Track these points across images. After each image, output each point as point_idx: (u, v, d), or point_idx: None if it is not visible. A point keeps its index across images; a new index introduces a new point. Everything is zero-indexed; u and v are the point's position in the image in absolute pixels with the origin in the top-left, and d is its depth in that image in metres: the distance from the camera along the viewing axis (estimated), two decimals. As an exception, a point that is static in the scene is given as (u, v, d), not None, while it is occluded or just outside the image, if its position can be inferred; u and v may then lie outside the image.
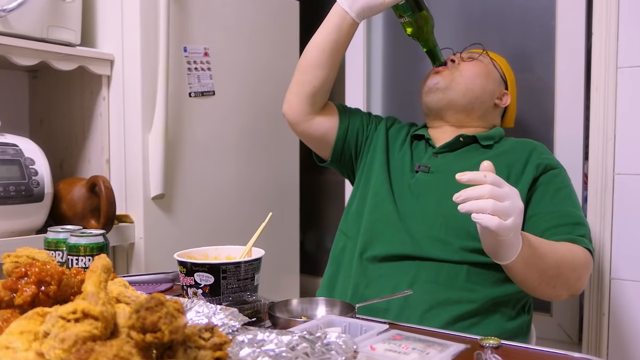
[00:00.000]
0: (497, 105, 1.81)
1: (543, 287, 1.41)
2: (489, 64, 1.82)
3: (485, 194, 1.19)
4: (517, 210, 1.22)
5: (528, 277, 1.38)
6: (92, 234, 1.39)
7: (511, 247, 1.27)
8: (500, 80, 1.83)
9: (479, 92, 1.75)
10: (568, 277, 1.42)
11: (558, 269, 1.39)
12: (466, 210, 1.20)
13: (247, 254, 1.31)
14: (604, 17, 1.89)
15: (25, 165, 1.72)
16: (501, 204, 1.19)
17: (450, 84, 1.75)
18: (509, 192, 1.22)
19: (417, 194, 1.65)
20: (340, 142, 1.84)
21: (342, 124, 1.84)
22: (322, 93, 1.80)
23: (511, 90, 1.86)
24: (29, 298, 0.86)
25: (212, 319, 1.00)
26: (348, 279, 1.65)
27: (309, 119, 1.82)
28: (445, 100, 1.75)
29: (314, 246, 2.95)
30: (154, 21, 1.97)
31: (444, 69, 1.78)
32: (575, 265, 1.43)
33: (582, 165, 2.08)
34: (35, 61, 1.81)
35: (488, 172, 1.22)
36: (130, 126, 1.99)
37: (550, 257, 1.38)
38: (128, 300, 0.96)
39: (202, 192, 2.17)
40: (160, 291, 1.50)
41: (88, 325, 0.71)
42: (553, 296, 1.47)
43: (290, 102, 1.84)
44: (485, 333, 1.42)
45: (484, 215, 1.19)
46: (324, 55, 1.76)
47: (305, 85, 1.79)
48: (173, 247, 1.44)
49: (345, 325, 1.09)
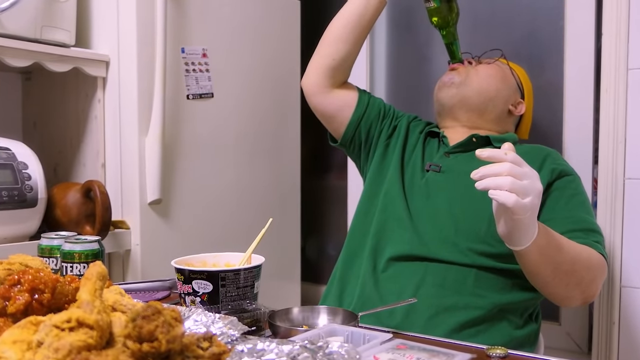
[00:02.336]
0: (512, 112, 1.82)
1: (556, 283, 1.40)
2: (506, 69, 1.85)
3: (503, 171, 1.20)
4: (536, 191, 1.23)
5: (541, 268, 1.37)
6: (87, 240, 1.39)
7: (527, 230, 1.27)
8: (517, 88, 1.85)
9: (493, 94, 1.77)
10: (583, 277, 1.42)
11: (573, 265, 1.39)
12: (483, 187, 1.21)
13: (247, 261, 1.31)
14: (614, 17, 1.89)
15: (18, 169, 1.72)
16: (520, 182, 1.20)
17: (465, 81, 1.77)
18: (528, 172, 1.23)
19: (427, 193, 1.66)
20: (353, 127, 1.85)
21: (359, 108, 1.85)
22: (342, 68, 1.83)
23: (527, 100, 1.88)
24: (22, 306, 0.86)
25: (210, 328, 0.99)
26: (357, 279, 1.66)
27: (324, 91, 1.85)
28: (458, 96, 1.76)
29: (315, 253, 2.95)
30: (150, 21, 1.98)
31: (459, 66, 1.79)
32: (591, 265, 1.43)
33: (591, 169, 2.08)
34: (28, 62, 1.82)
35: (508, 149, 1.23)
36: (127, 129, 1.99)
37: (565, 251, 1.38)
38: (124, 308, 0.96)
39: (201, 197, 2.17)
40: (157, 299, 1.50)
41: (83, 334, 0.71)
42: (565, 297, 1.46)
43: (308, 72, 1.87)
44: (492, 341, 1.43)
45: (501, 191, 1.19)
46: (347, 29, 1.79)
47: (326, 57, 1.83)
48: (170, 253, 1.44)
49: (347, 335, 1.09)
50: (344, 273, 1.72)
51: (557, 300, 1.49)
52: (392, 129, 1.84)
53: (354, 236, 1.76)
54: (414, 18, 2.52)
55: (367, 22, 1.79)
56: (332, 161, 2.87)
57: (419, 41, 2.52)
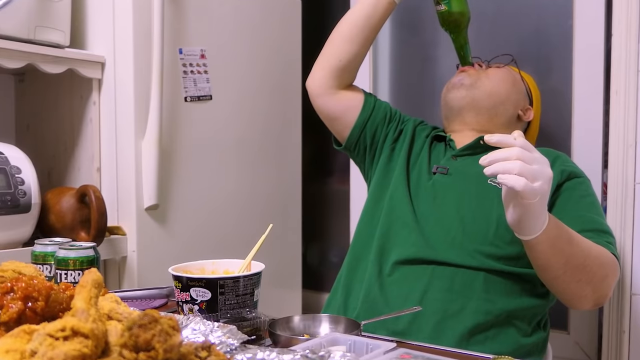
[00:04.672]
0: (521, 117, 1.84)
1: (567, 278, 1.40)
2: (516, 74, 1.86)
3: (512, 155, 1.20)
4: (546, 176, 1.23)
5: (552, 260, 1.37)
6: (82, 246, 1.38)
7: (537, 216, 1.27)
8: (526, 93, 1.86)
9: (503, 97, 1.78)
10: (595, 273, 1.42)
11: (584, 260, 1.39)
12: (492, 172, 1.21)
13: (247, 268, 1.31)
14: (624, 17, 1.89)
15: (11, 174, 1.72)
16: (529, 166, 1.20)
17: (476, 83, 1.77)
18: (538, 157, 1.23)
19: (434, 195, 1.66)
20: (358, 130, 1.85)
21: (364, 110, 1.85)
22: (348, 69, 1.84)
23: (535, 108, 1.89)
24: (15, 315, 0.86)
25: (209, 337, 0.99)
26: (361, 283, 1.66)
27: (330, 92, 1.85)
28: (468, 97, 1.76)
29: (317, 260, 2.95)
30: (147, 21, 1.98)
31: (470, 68, 1.80)
32: (603, 262, 1.43)
33: (601, 174, 2.08)
34: (21, 64, 1.82)
35: (518, 135, 1.23)
36: (123, 132, 1.99)
37: (577, 244, 1.38)
38: (120, 317, 0.96)
39: (199, 202, 2.17)
40: (154, 307, 1.50)
41: (78, 343, 0.71)
42: (576, 295, 1.45)
43: (314, 72, 1.88)
44: (500, 348, 1.43)
45: (509, 175, 1.20)
46: (355, 30, 1.80)
47: (332, 57, 1.83)
48: (168, 260, 1.44)
49: (350, 344, 1.09)
50: (348, 278, 1.72)
51: (568, 298, 1.48)
52: (398, 133, 1.84)
53: (359, 240, 1.76)
54: (418, 17, 2.52)
55: (375, 23, 1.80)
56: (334, 165, 2.87)
57: (424, 41, 2.52)
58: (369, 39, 1.82)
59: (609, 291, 1.48)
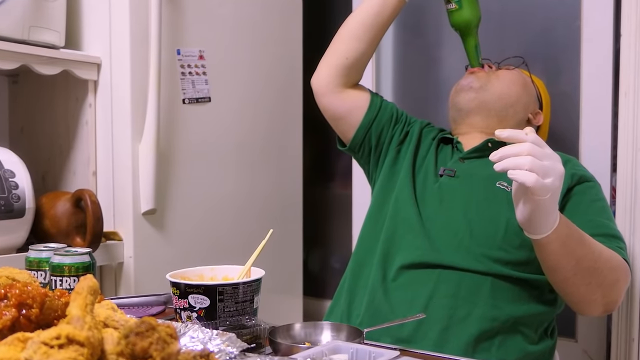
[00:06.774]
0: (530, 121, 1.84)
1: (577, 280, 1.40)
2: (527, 77, 1.86)
3: (523, 151, 1.20)
4: (558, 173, 1.24)
5: (562, 262, 1.38)
6: (78, 252, 1.39)
7: (548, 215, 1.28)
8: (536, 97, 1.87)
9: (514, 99, 1.78)
10: (605, 276, 1.42)
11: (595, 262, 1.39)
12: (502, 167, 1.21)
13: (246, 274, 1.31)
14: (634, 16, 1.89)
15: (4, 177, 1.72)
16: (540, 162, 1.21)
17: (486, 85, 1.77)
18: (550, 153, 1.24)
19: (440, 198, 1.66)
20: (363, 131, 1.84)
21: (370, 110, 1.85)
22: (355, 68, 1.84)
23: (545, 112, 1.89)
24: (8, 322, 0.86)
25: (207, 345, 1.00)
26: (365, 289, 1.66)
27: (335, 91, 1.85)
28: (477, 100, 1.76)
29: (318, 266, 2.95)
30: (144, 21, 1.98)
31: (479, 70, 1.80)
32: (614, 266, 1.44)
33: (609, 177, 2.08)
34: (15, 65, 1.82)
35: (530, 131, 1.24)
36: (119, 135, 2.00)
37: (588, 245, 1.39)
38: (116, 324, 0.96)
39: (197, 207, 2.17)
40: (152, 315, 1.50)
41: (73, 351, 0.71)
42: (585, 299, 1.46)
43: (319, 70, 1.87)
44: (506, 356, 1.43)
45: (520, 171, 1.20)
46: (362, 28, 1.80)
47: (338, 55, 1.83)
48: (165, 267, 1.44)
49: (352, 352, 1.09)
50: (352, 284, 1.72)
51: (576, 303, 1.49)
52: (404, 135, 1.84)
53: (362, 244, 1.76)
54: (423, 17, 2.52)
55: (384, 21, 1.80)
56: (336, 169, 2.87)
57: (428, 42, 2.52)
58: (376, 37, 1.82)
59: (619, 297, 1.48)
